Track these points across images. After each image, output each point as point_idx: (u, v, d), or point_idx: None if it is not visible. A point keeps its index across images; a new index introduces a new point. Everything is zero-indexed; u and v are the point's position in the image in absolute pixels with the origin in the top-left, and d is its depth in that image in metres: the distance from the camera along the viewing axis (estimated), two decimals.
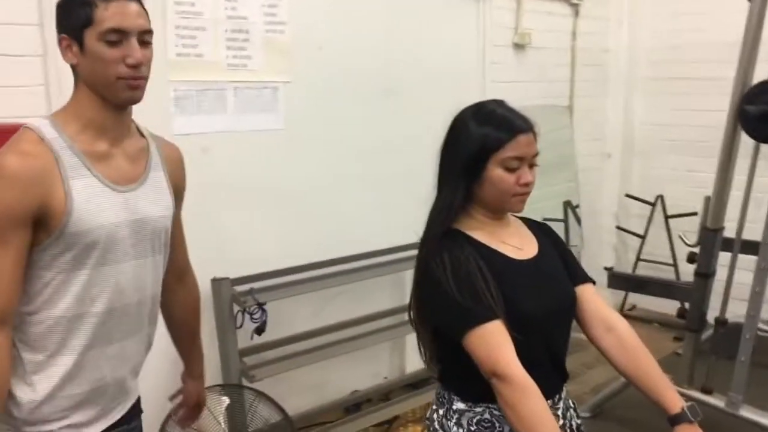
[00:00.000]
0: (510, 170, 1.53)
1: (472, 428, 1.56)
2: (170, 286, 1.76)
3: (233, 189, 3.16)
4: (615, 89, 5.13)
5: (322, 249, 3.37)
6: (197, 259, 3.00)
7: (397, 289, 3.74)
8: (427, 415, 1.71)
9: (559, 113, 4.76)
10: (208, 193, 3.06)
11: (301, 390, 3.42)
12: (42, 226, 1.38)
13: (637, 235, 5.07)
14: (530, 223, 1.76)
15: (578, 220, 4.88)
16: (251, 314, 2.99)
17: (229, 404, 2.82)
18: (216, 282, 2.99)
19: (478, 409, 1.57)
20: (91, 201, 1.41)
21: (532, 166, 1.57)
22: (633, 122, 5.16)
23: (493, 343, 1.43)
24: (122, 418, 1.62)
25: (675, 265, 4.86)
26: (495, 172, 1.53)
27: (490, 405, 1.53)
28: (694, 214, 3.90)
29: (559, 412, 1.62)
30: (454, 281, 1.48)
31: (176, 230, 1.71)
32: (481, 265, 1.50)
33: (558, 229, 4.74)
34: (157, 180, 1.57)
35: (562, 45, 4.68)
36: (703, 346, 3.43)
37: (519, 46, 4.36)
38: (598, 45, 4.94)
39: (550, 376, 1.60)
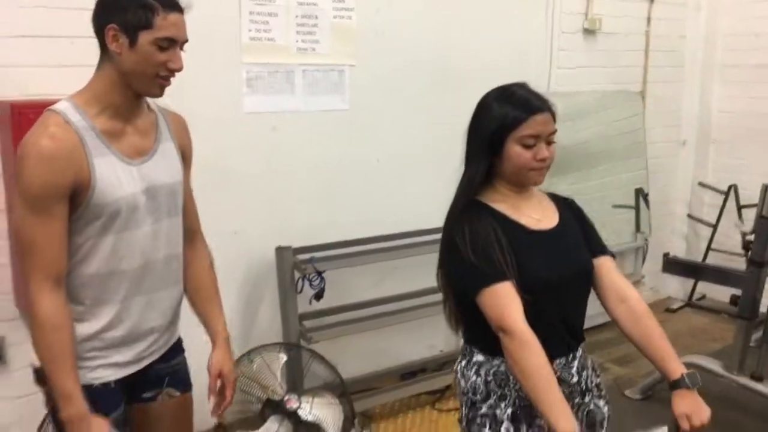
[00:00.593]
0: (527, 147, 1.67)
1: (489, 378, 1.73)
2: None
3: (299, 165, 3.39)
4: (691, 76, 5.06)
5: (382, 223, 3.57)
6: (263, 228, 3.30)
7: None
8: (454, 367, 1.88)
9: (630, 99, 4.75)
10: (276, 168, 3.32)
11: (358, 357, 3.63)
12: (73, 199, 1.58)
13: (709, 224, 5.00)
14: (555, 198, 1.89)
15: (648, 207, 4.86)
16: (311, 281, 3.22)
17: (286, 361, 3.07)
18: (279, 250, 3.23)
19: (495, 362, 1.73)
20: (111, 176, 1.60)
21: (549, 143, 1.70)
22: (709, 110, 5.07)
23: (502, 301, 1.60)
24: (162, 356, 1.85)
25: (747, 255, 4.76)
26: (513, 148, 1.67)
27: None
28: None
29: (573, 370, 1.76)
30: (471, 247, 1.65)
31: (185, 194, 1.84)
32: (498, 234, 1.66)
33: (629, 216, 4.79)
34: (167, 150, 1.75)
35: (635, 30, 4.66)
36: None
37: (589, 32, 4.38)
38: (673, 31, 4.88)
39: (563, 336, 1.74)
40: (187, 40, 1.66)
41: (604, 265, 1.82)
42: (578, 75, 4.41)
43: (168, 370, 1.88)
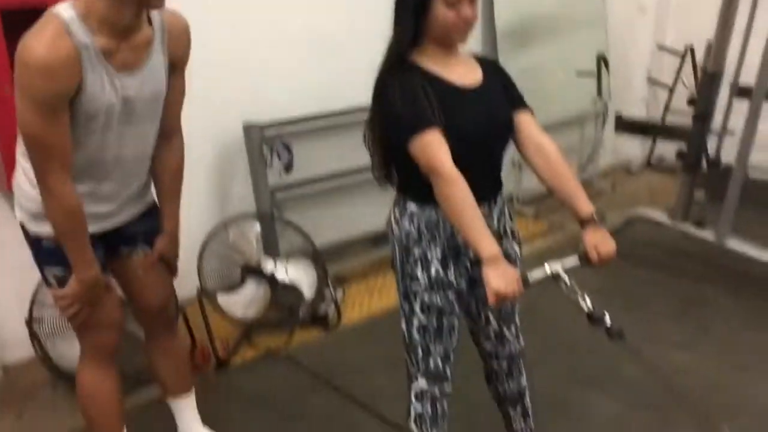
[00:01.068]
0: (452, 6, 1.79)
1: (422, 226, 1.92)
2: (157, 145, 2.06)
3: (265, 41, 3.47)
4: None
5: (345, 97, 3.66)
6: (231, 105, 3.40)
7: None
8: (387, 217, 2.04)
9: None
10: (241, 46, 3.39)
11: (330, 225, 3.83)
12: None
13: (666, 87, 5.14)
14: (480, 60, 2.02)
15: (608, 73, 4.97)
16: (279, 154, 3.37)
17: (261, 231, 3.27)
18: (247, 126, 3.36)
19: (427, 211, 1.92)
20: (98, 85, 1.76)
21: (472, 2, 1.82)
22: None
23: (432, 146, 1.76)
24: (138, 219, 2.11)
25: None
26: (439, 8, 1.80)
27: (436, 206, 1.86)
28: None
29: (494, 215, 1.96)
30: (401, 100, 1.80)
31: (173, 96, 2.00)
32: (426, 87, 1.81)
33: (590, 83, 4.91)
34: (155, 64, 1.89)
35: None
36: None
37: None
38: None
39: (486, 182, 1.93)
40: None
41: (523, 118, 1.97)
42: None
43: (141, 229, 2.13)
